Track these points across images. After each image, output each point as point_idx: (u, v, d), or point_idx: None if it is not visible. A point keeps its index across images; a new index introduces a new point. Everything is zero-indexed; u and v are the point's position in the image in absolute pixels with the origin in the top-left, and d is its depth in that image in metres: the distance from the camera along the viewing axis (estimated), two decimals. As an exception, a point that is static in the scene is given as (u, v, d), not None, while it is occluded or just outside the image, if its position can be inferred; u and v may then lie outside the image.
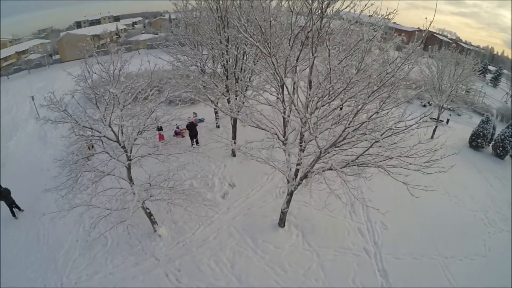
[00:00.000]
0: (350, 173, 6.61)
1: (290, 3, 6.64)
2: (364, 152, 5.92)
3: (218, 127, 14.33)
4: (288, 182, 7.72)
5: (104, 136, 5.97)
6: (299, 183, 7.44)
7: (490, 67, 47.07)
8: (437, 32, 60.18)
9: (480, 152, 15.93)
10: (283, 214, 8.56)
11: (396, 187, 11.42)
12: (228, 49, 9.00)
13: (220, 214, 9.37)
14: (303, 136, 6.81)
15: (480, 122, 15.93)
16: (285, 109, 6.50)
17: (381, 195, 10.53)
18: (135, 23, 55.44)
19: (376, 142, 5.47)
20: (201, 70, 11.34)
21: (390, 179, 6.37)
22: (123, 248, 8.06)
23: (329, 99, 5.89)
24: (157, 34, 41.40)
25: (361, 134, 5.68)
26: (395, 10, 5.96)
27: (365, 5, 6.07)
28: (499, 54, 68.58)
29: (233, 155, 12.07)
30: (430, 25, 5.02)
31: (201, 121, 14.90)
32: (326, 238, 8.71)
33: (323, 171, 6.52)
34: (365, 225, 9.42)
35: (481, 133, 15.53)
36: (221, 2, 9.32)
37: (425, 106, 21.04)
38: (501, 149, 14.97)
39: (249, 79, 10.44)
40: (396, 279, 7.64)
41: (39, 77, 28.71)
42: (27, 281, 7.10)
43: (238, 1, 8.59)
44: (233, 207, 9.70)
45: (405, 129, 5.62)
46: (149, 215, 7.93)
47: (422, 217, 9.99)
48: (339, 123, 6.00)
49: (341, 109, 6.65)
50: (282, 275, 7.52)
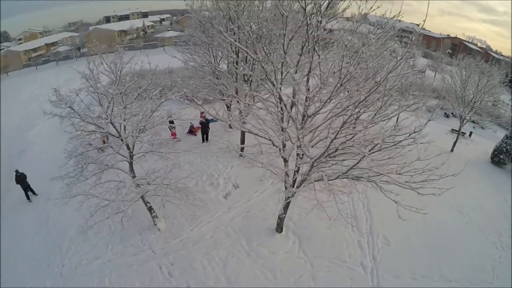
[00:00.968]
0: (340, 185, 6.40)
1: (280, 4, 6.33)
2: (353, 165, 5.70)
3: (230, 127, 14.51)
4: (285, 188, 7.65)
5: (107, 132, 6.29)
6: (296, 191, 7.34)
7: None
8: (467, 39, 56.51)
9: (502, 168, 14.71)
10: (280, 219, 8.47)
11: (406, 199, 11.03)
12: (233, 51, 8.99)
13: (220, 213, 9.47)
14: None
15: (504, 137, 14.72)
16: (282, 116, 6.40)
17: (388, 207, 10.11)
18: (163, 20, 57.08)
19: (363, 157, 5.24)
20: (213, 71, 11.49)
21: (400, 190, 6.19)
22: (124, 237, 8.41)
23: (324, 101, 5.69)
24: (183, 31, 42.39)
25: (350, 146, 5.48)
26: (400, 13, 5.55)
27: (371, 7, 5.72)
28: (531, 65, 63.12)
29: (241, 156, 12.18)
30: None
31: (214, 120, 15.17)
32: (322, 248, 8.47)
33: (315, 181, 6.37)
34: (366, 238, 9.07)
35: (504, 149, 14.32)
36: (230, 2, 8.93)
37: (448, 116, 19.83)
38: (525, 167, 13.84)
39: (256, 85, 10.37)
40: (390, 299, 7.31)
41: (67, 69, 30.71)
42: (33, 260, 7.65)
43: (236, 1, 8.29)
44: (233, 208, 9.76)
45: (394, 145, 5.31)
46: (149, 208, 8.22)
47: (429, 234, 9.45)
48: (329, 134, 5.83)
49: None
50: (272, 281, 7.45)
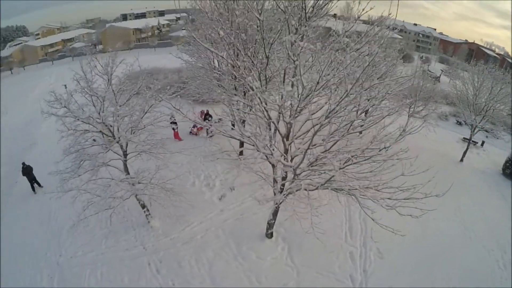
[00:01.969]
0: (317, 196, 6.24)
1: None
2: (329, 178, 5.52)
3: (233, 126, 14.63)
4: (274, 194, 7.59)
5: (100, 131, 6.59)
6: (284, 198, 7.25)
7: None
8: (485, 45, 52.98)
9: (514, 181, 13.73)
10: (269, 225, 8.41)
11: (404, 210, 10.58)
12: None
13: (213, 215, 9.56)
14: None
15: (516, 147, 13.77)
16: (270, 121, 6.35)
17: (386, 218, 9.79)
18: (178, 18, 57.97)
19: (337, 170, 5.07)
20: (213, 72, 11.55)
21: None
22: (119, 233, 8.73)
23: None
24: (198, 30, 42.80)
25: (326, 158, 5.32)
26: (390, 14, 5.23)
27: (363, 9, 5.44)
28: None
29: (240, 158, 12.18)
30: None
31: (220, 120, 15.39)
32: (312, 257, 8.26)
33: (296, 191, 6.27)
34: (359, 250, 8.74)
35: (517, 160, 13.32)
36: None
37: (460, 124, 18.72)
38: (539, 181, 12.70)
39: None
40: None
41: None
42: (32, 248, 8.16)
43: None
44: (227, 210, 9.83)
45: (365, 160, 5.09)
46: (142, 206, 8.50)
47: (427, 249, 8.97)
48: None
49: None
50: (255, 286, 7.38)
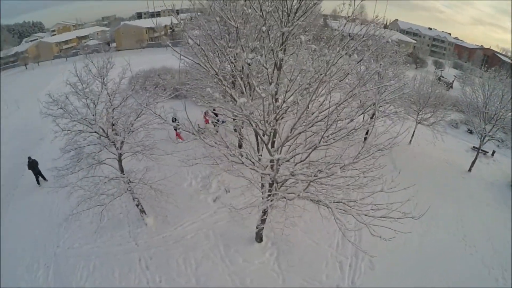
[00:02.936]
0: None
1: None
2: (305, 189, 5.46)
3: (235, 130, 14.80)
4: (262, 199, 7.61)
5: (95, 131, 6.90)
6: (270, 204, 7.25)
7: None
8: (501, 51, 50.04)
9: (524, 195, 12.88)
10: (258, 229, 8.43)
11: (406, 222, 10.30)
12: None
13: (206, 216, 9.69)
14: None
15: (528, 158, 12.91)
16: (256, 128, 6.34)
17: (383, 228, 9.59)
18: (192, 18, 58.42)
19: (310, 181, 5.01)
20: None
21: (408, 209, 5.61)
22: (115, 228, 9.03)
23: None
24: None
25: (301, 168, 5.27)
26: (377, 17, 5.06)
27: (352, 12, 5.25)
28: None
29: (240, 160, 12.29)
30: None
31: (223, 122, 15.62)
32: (299, 264, 8.17)
33: (277, 200, 6.25)
34: (349, 260, 8.55)
35: (527, 172, 12.54)
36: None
37: (471, 132, 17.85)
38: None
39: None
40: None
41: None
42: (33, 238, 8.61)
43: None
44: (219, 212, 9.92)
45: (328, 176, 4.98)
46: (137, 204, 8.80)
47: (423, 263, 8.66)
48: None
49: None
50: (238, 289, 7.50)
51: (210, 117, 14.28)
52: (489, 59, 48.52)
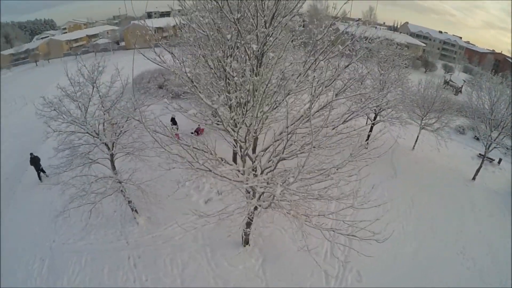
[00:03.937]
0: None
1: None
2: (273, 198, 5.40)
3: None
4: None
5: (87, 133, 7.17)
6: (255, 210, 7.25)
7: None
8: None
9: (528, 204, 12.18)
10: (245, 234, 8.49)
11: (400, 234, 9.99)
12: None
13: (195, 217, 9.82)
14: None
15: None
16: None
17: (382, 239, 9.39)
18: (201, 18, 58.73)
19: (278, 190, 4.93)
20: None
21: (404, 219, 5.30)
22: (108, 226, 9.30)
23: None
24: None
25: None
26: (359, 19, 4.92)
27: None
28: None
29: (235, 163, 12.36)
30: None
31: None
32: (284, 271, 8.10)
33: (254, 210, 6.24)
34: (336, 271, 8.41)
35: (533, 181, 11.80)
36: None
37: (478, 139, 17.00)
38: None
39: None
40: None
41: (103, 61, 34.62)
42: (31, 233, 9.01)
43: None
44: (209, 214, 10.09)
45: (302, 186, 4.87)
46: (128, 202, 9.06)
47: (415, 277, 8.39)
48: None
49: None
50: (220, 292, 7.53)
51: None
52: (500, 63, 46.85)
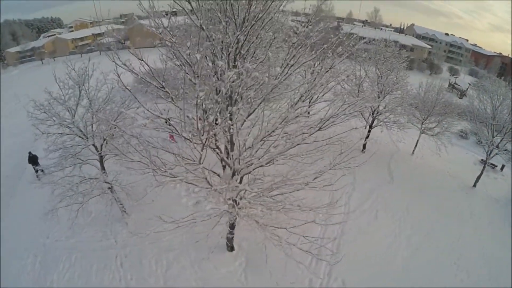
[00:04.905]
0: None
1: None
2: (240, 207, 5.35)
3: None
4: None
5: (75, 134, 7.42)
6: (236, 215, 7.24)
7: None
8: None
9: (530, 213, 11.57)
10: (228, 238, 8.47)
11: (398, 238, 9.75)
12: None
13: (183, 219, 10.02)
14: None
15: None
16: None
17: (364, 247, 9.22)
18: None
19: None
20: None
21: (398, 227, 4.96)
22: (99, 224, 9.48)
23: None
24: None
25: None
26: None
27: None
28: None
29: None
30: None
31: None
32: (266, 278, 8.02)
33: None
34: (320, 280, 8.19)
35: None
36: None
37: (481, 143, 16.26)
38: None
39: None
40: None
41: (107, 60, 35.25)
42: (27, 231, 9.34)
43: None
44: (198, 216, 10.11)
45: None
46: (117, 202, 9.29)
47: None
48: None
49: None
50: (200, 295, 7.56)
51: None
52: (507, 67, 45.55)
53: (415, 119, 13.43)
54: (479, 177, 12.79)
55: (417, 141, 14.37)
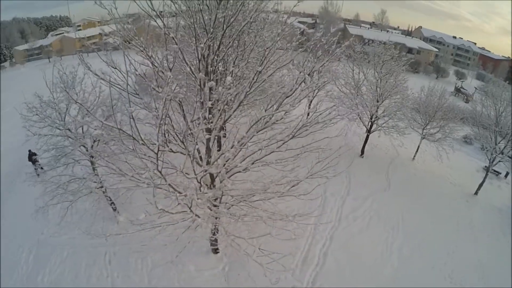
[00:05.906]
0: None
1: None
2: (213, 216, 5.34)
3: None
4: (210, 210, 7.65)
5: (66, 135, 7.70)
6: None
7: None
8: None
9: (534, 223, 10.92)
10: (211, 241, 8.53)
11: (389, 249, 9.50)
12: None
13: (171, 220, 10.17)
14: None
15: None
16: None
17: (353, 255, 9.03)
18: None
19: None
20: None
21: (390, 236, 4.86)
22: (92, 222, 9.87)
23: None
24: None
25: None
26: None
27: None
28: None
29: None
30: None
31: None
32: (249, 282, 8.02)
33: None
34: (304, 286, 8.22)
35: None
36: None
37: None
38: None
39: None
40: None
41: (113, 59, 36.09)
42: (25, 226, 9.70)
43: None
44: (185, 217, 10.31)
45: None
46: (108, 201, 9.55)
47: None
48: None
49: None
50: (182, 296, 7.66)
51: None
52: None
53: (416, 124, 12.96)
54: (481, 185, 12.24)
55: (418, 146, 13.87)
